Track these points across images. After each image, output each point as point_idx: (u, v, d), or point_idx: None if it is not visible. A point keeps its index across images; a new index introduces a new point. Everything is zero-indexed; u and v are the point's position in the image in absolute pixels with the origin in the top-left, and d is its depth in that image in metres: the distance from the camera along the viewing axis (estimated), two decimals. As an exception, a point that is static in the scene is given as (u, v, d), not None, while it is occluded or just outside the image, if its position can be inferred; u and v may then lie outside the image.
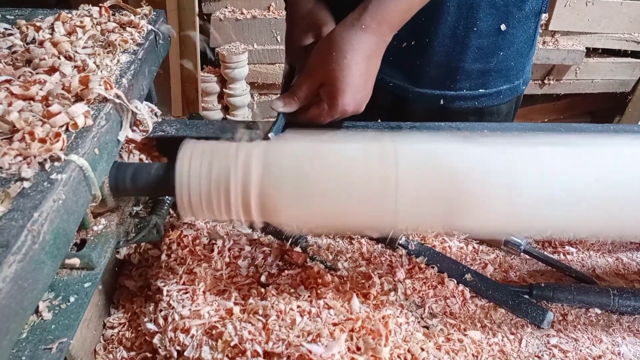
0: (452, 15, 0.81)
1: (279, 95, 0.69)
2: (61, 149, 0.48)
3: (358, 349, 0.56)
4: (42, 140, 0.47)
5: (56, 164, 0.47)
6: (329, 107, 0.67)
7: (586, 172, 0.54)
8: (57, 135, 0.48)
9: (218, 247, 0.69)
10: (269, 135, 0.66)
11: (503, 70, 0.88)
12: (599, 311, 0.65)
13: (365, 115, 0.71)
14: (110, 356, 0.60)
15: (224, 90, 2.12)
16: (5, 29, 0.67)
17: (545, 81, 2.30)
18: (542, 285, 0.66)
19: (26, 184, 0.43)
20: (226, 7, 2.06)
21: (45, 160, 0.46)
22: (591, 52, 2.26)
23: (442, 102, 0.89)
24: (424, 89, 0.89)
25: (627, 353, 0.60)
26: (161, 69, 0.77)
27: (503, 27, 0.83)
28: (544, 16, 1.86)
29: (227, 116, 2.19)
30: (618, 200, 0.54)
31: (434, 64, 0.86)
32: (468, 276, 0.67)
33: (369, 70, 0.67)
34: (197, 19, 1.86)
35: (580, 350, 0.61)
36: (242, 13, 2.04)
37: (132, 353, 0.60)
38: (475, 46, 0.84)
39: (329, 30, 0.73)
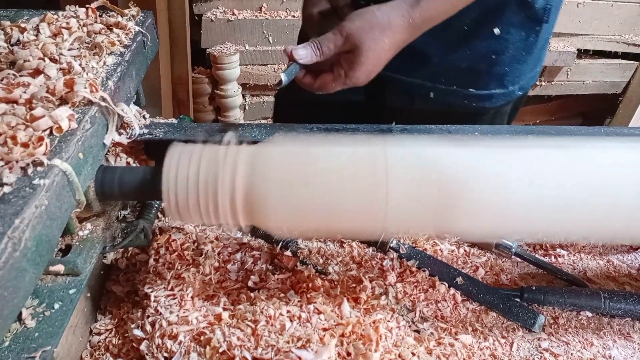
0: None
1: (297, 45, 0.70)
2: (44, 154, 0.47)
3: (348, 354, 0.55)
4: (25, 145, 0.46)
5: (39, 168, 0.46)
6: (345, 75, 0.70)
7: (577, 176, 0.54)
8: (40, 139, 0.47)
9: (207, 251, 0.68)
10: (281, 75, 0.66)
11: (496, 75, 0.88)
12: (590, 314, 0.65)
13: (351, 96, 0.73)
14: (97, 363, 0.59)
15: (215, 91, 2.11)
16: (-11, 30, 0.66)
17: (537, 82, 2.31)
18: (533, 288, 0.66)
19: (7, 189, 0.42)
20: (217, 8, 2.05)
21: (28, 165, 0.45)
22: (582, 53, 2.27)
23: (432, 94, 0.90)
24: (414, 79, 0.90)
25: (618, 356, 0.60)
26: (150, 70, 0.77)
27: (497, 31, 0.83)
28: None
29: (219, 117, 2.18)
30: (608, 203, 0.54)
31: (425, 58, 0.87)
32: (459, 279, 0.67)
33: (391, 56, 0.71)
34: (188, 19, 1.85)
35: (572, 354, 0.60)
36: (233, 14, 2.03)
37: (119, 360, 0.59)
38: (467, 47, 0.84)
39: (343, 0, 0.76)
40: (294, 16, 2.04)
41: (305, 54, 0.68)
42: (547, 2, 0.84)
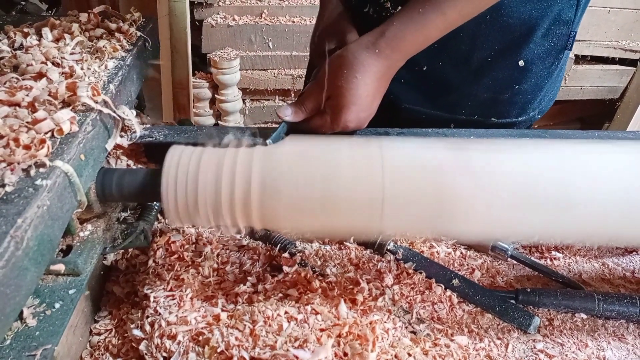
0: (466, 44, 0.80)
1: (286, 103, 0.71)
2: (46, 155, 0.48)
3: (345, 354, 0.56)
4: (27, 147, 0.47)
5: (41, 170, 0.47)
6: (332, 121, 0.69)
7: (572, 179, 0.55)
8: (42, 141, 0.48)
9: (206, 253, 0.69)
10: (267, 142, 0.67)
11: (519, 103, 0.87)
12: (584, 316, 0.66)
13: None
14: (96, 363, 0.60)
15: (215, 96, 2.12)
16: (-7, 34, 0.67)
17: (535, 88, 2.32)
18: (528, 290, 0.67)
19: (9, 189, 0.43)
20: (218, 14, 2.06)
21: (30, 166, 0.46)
22: (580, 59, 2.29)
23: (452, 126, 0.88)
24: (435, 111, 0.89)
25: (612, 357, 0.61)
26: (151, 74, 0.78)
27: (522, 63, 0.82)
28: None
29: (219, 122, 2.19)
30: (604, 207, 0.55)
31: (445, 88, 0.86)
32: (455, 281, 0.68)
33: (376, 92, 0.69)
34: (189, 25, 1.86)
35: (566, 355, 0.61)
36: (234, 19, 2.05)
37: (119, 360, 0.60)
38: (490, 77, 0.83)
39: (352, 39, 0.75)
40: (293, 22, 2.06)
41: (290, 112, 0.69)
42: (570, 29, 0.83)
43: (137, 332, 0.59)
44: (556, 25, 0.81)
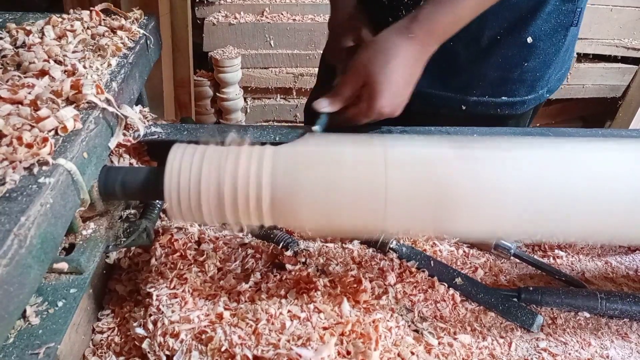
0: (476, 23, 0.79)
1: (319, 97, 0.71)
2: (49, 153, 0.48)
3: (348, 353, 0.56)
4: (29, 145, 0.47)
5: (44, 168, 0.47)
6: (367, 108, 0.69)
7: (574, 177, 0.55)
8: (45, 140, 0.48)
9: (208, 251, 0.69)
10: (313, 128, 0.67)
11: (528, 81, 0.88)
12: (587, 315, 0.66)
13: (388, 119, 0.73)
14: (99, 361, 0.60)
15: (217, 94, 2.12)
16: (-5, 32, 0.67)
17: (537, 86, 2.31)
18: (531, 289, 0.67)
19: (11, 187, 0.43)
20: (219, 12, 2.06)
21: (33, 164, 0.46)
22: (582, 57, 2.28)
23: (463, 107, 0.89)
24: (446, 92, 0.89)
25: (616, 356, 0.61)
26: (152, 72, 0.78)
27: (530, 39, 0.82)
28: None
29: (221, 120, 2.19)
30: (606, 205, 0.55)
31: (456, 69, 0.86)
32: (458, 280, 0.68)
33: (410, 77, 0.69)
34: (190, 23, 1.86)
35: (569, 354, 0.61)
36: (235, 17, 2.05)
37: (122, 358, 0.60)
38: (499, 55, 0.84)
39: (368, 34, 0.76)
40: (295, 20, 2.06)
41: (327, 104, 0.69)
42: (576, 5, 0.84)
43: (139, 331, 0.59)
44: (562, 1, 0.82)
